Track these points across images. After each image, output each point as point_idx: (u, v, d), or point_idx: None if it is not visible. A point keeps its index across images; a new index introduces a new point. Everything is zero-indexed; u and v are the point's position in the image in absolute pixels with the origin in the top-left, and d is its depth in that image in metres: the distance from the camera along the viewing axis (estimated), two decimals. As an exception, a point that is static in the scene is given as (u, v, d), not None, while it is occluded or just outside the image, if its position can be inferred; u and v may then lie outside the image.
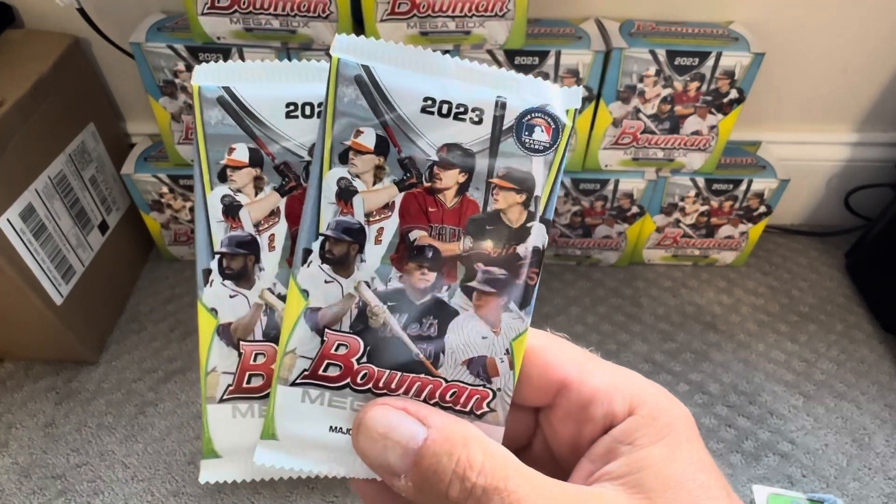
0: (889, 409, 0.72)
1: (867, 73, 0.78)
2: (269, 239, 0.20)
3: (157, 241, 0.86)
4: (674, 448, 0.19)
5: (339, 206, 0.20)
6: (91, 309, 0.75)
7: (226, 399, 0.21)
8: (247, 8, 0.63)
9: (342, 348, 0.20)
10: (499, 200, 0.20)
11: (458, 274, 0.20)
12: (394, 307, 0.20)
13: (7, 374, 0.74)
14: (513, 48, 0.66)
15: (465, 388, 0.20)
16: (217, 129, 0.20)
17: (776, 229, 0.93)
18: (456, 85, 0.19)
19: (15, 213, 0.63)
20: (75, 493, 0.64)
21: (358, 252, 0.20)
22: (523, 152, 0.19)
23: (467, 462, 0.18)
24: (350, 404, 0.20)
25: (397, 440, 0.19)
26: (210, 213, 0.20)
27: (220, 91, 0.19)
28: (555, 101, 0.19)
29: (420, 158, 0.19)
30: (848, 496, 0.65)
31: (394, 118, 0.19)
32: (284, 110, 0.20)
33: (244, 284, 0.20)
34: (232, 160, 0.20)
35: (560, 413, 0.21)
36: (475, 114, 0.19)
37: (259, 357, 0.21)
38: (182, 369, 0.75)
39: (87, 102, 0.75)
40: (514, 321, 0.20)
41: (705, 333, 0.80)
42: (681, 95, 0.70)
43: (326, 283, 0.20)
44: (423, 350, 0.20)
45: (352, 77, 0.19)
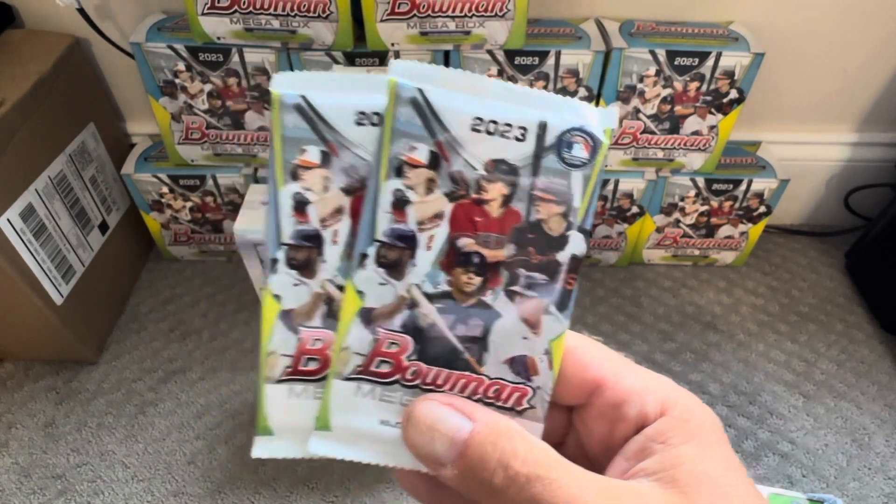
0: (889, 409, 0.72)
1: (867, 73, 0.78)
2: (332, 234, 0.22)
3: (157, 241, 0.86)
4: (705, 448, 0.20)
5: (394, 215, 0.21)
6: (91, 309, 0.75)
7: (283, 380, 0.22)
8: (247, 8, 0.63)
9: (393, 346, 0.22)
10: (540, 211, 0.21)
11: (501, 279, 0.22)
12: (442, 309, 0.22)
13: (7, 374, 0.74)
14: (513, 48, 0.66)
15: (506, 386, 0.22)
16: (292, 132, 0.21)
17: (776, 229, 0.93)
18: (502, 105, 0.21)
19: (15, 213, 0.63)
20: (75, 493, 0.64)
21: (410, 257, 0.22)
22: (563, 167, 0.21)
23: (511, 451, 0.19)
24: (399, 399, 0.22)
25: (444, 432, 0.20)
26: (280, 207, 0.22)
27: (298, 98, 0.21)
28: (593, 121, 0.21)
29: (468, 172, 0.21)
30: (848, 496, 0.65)
31: (445, 135, 0.21)
32: (354, 118, 0.21)
33: (307, 274, 0.22)
34: (304, 161, 0.22)
35: (594, 412, 0.22)
36: (519, 132, 0.21)
37: (316, 343, 0.22)
38: (182, 369, 0.75)
39: (87, 102, 0.75)
40: (554, 323, 0.22)
41: (705, 333, 0.80)
42: (681, 95, 0.70)
43: (380, 285, 0.22)
44: (468, 349, 0.22)
45: (407, 98, 0.21)
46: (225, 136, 0.75)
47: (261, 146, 0.76)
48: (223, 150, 0.76)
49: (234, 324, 0.80)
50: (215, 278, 0.86)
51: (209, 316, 0.81)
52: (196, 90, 0.70)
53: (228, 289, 0.84)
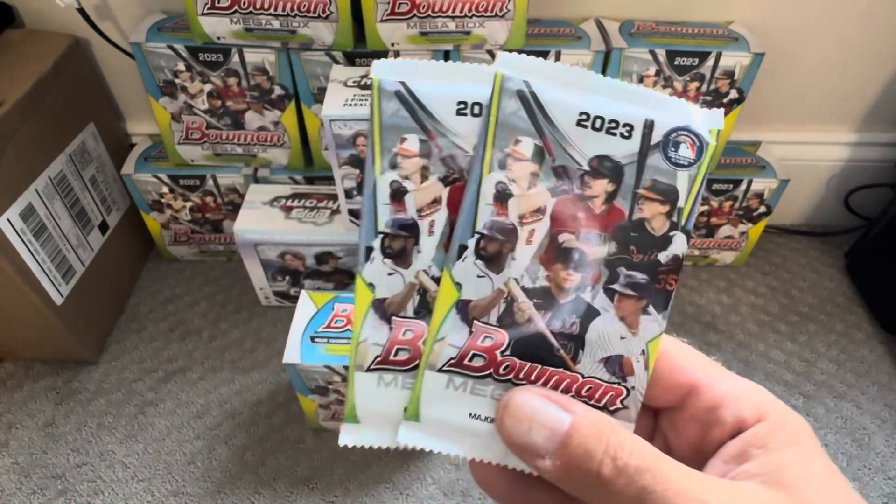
0: (889, 409, 0.72)
1: (867, 73, 0.78)
2: (429, 224, 0.22)
3: (157, 241, 0.86)
4: (807, 453, 0.20)
5: (496, 208, 0.21)
6: (91, 309, 0.75)
7: (373, 369, 0.22)
8: (247, 8, 0.63)
9: (488, 340, 0.22)
10: (644, 210, 0.21)
11: (601, 276, 0.21)
12: (539, 304, 0.21)
13: (7, 374, 0.74)
14: (513, 48, 0.66)
15: (600, 385, 0.22)
16: (392, 119, 0.21)
17: (776, 229, 0.93)
18: (609, 102, 0.21)
19: (15, 213, 0.63)
20: (75, 493, 0.64)
21: (510, 251, 0.21)
22: (669, 167, 0.21)
23: (618, 444, 0.19)
24: (491, 393, 0.22)
25: (543, 422, 0.20)
26: (378, 195, 0.22)
27: (398, 85, 0.21)
28: (699, 121, 0.21)
29: (572, 167, 0.21)
30: (848, 496, 0.65)
31: (550, 130, 0.21)
32: (455, 108, 0.21)
33: (402, 264, 0.22)
34: (403, 149, 0.21)
35: (687, 415, 0.22)
36: (625, 129, 0.21)
37: (408, 333, 0.22)
38: (182, 369, 0.75)
39: (87, 102, 0.75)
40: (652, 324, 0.22)
41: (705, 333, 0.80)
42: (681, 95, 0.70)
43: (479, 277, 0.21)
44: (563, 346, 0.22)
45: (514, 91, 0.20)
46: (225, 136, 0.75)
47: (261, 146, 0.76)
48: (223, 150, 0.76)
49: (234, 324, 0.80)
50: (215, 278, 0.86)
51: (209, 316, 0.81)
52: (196, 90, 0.70)
53: (228, 289, 0.84)
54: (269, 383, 0.73)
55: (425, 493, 0.64)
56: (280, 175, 0.78)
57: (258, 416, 0.70)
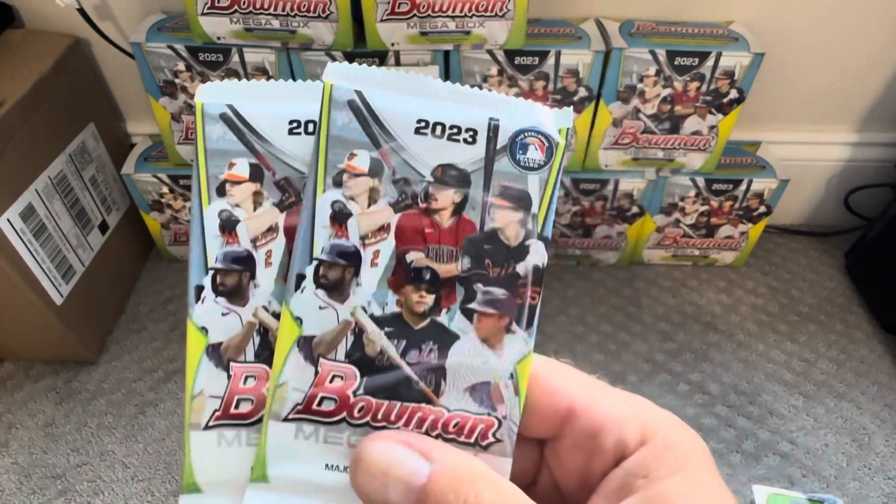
0: (889, 409, 0.72)
1: (867, 73, 0.78)
2: (266, 255, 0.20)
3: (157, 241, 0.86)
4: (693, 481, 0.18)
5: (334, 230, 0.19)
6: (91, 309, 0.75)
7: (211, 426, 0.20)
8: (247, 8, 0.63)
9: (337, 380, 0.19)
10: (496, 219, 0.20)
11: (457, 296, 0.20)
12: (391, 333, 0.19)
13: (7, 374, 0.74)
14: (513, 48, 0.66)
15: (468, 418, 0.20)
16: (218, 144, 0.20)
17: (776, 229, 0.93)
18: (448, 107, 0.19)
19: (15, 213, 0.63)
20: (75, 493, 0.64)
21: (353, 276, 0.19)
22: (518, 171, 0.19)
23: (475, 500, 0.17)
24: (347, 439, 0.19)
25: (399, 477, 0.18)
26: (206, 227, 0.20)
27: (223, 108, 0.20)
28: (546, 121, 0.20)
29: (415, 179, 0.19)
30: (848, 496, 0.65)
31: (387, 140, 0.19)
32: (287, 127, 0.20)
33: (238, 302, 0.20)
34: (232, 175, 0.20)
35: (567, 443, 0.20)
36: (468, 134, 0.19)
37: (249, 380, 0.20)
38: (182, 369, 0.75)
39: (87, 102, 0.75)
40: (518, 343, 0.20)
41: (705, 333, 0.80)
42: (681, 95, 0.70)
43: (321, 309, 0.19)
44: (423, 378, 0.19)
45: (344, 101, 0.19)
46: (225, 136, 0.75)
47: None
48: (223, 150, 0.76)
49: (234, 324, 0.80)
50: (215, 278, 0.86)
51: (209, 316, 0.81)
52: (196, 90, 0.70)
53: (228, 289, 0.84)
54: (269, 383, 0.73)
55: (425, 493, 0.64)
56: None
57: (258, 416, 0.70)
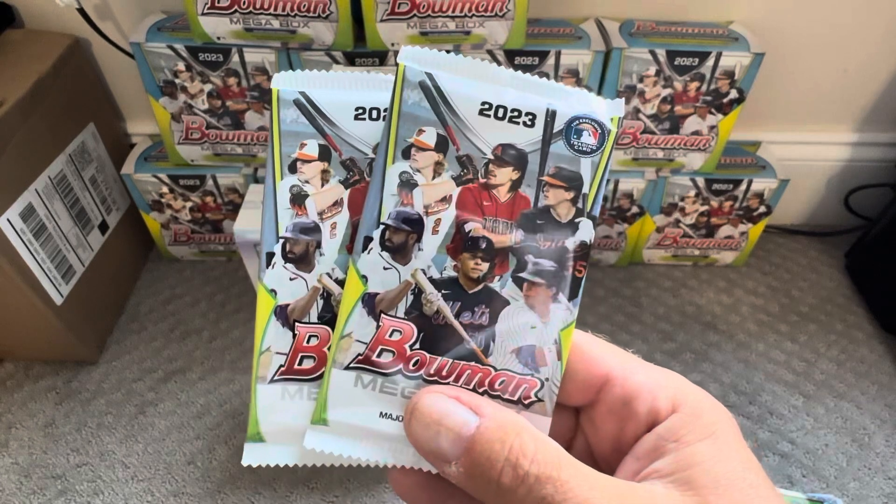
0: (889, 409, 0.72)
1: (867, 73, 0.78)
2: (331, 227, 0.22)
3: (157, 241, 0.86)
4: (721, 446, 0.19)
5: (401, 198, 0.21)
6: (91, 309, 0.75)
7: (276, 380, 0.22)
8: (247, 8, 0.63)
9: (396, 334, 0.21)
10: (549, 197, 0.21)
11: (509, 265, 0.21)
12: (447, 295, 0.21)
13: (7, 374, 0.74)
14: (513, 48, 0.66)
15: (513, 377, 0.21)
16: (291, 126, 0.22)
17: (776, 229, 0.93)
18: (510, 92, 0.21)
19: (15, 213, 0.63)
20: (75, 493, 0.64)
21: (416, 241, 0.21)
22: (572, 153, 0.21)
23: (520, 450, 0.18)
24: (401, 391, 0.21)
25: (450, 426, 0.19)
26: (278, 200, 0.22)
27: (296, 94, 0.21)
28: (600, 110, 0.21)
29: (476, 156, 0.21)
30: (848, 496, 0.65)
31: (453, 119, 0.21)
32: (353, 113, 0.22)
33: (304, 268, 0.22)
34: (303, 154, 0.22)
35: (603, 409, 0.21)
36: (528, 118, 0.21)
37: (312, 339, 0.22)
38: (182, 369, 0.75)
39: (87, 102, 0.75)
40: (563, 312, 0.21)
41: (705, 333, 0.80)
42: (681, 95, 0.70)
43: (385, 269, 0.21)
44: (473, 338, 0.21)
45: (416, 82, 0.21)
46: (225, 136, 0.75)
47: (261, 146, 0.76)
48: (223, 150, 0.76)
49: (234, 324, 0.80)
50: (215, 278, 0.86)
51: (209, 316, 0.81)
52: (196, 90, 0.70)
53: (228, 289, 0.84)
54: (269, 383, 0.73)
55: (425, 493, 0.64)
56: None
57: (258, 416, 0.70)
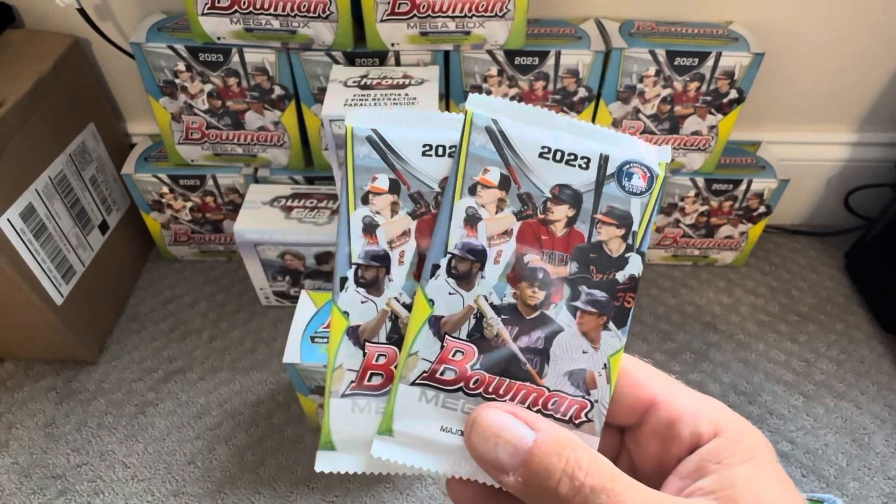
0: (889, 409, 0.72)
1: (867, 73, 0.78)
2: (399, 255, 0.24)
3: (157, 241, 0.86)
4: (761, 469, 0.20)
5: (466, 230, 0.23)
6: (91, 309, 0.75)
7: (347, 394, 0.24)
8: (247, 8, 0.63)
9: (459, 354, 0.23)
10: (601, 233, 0.23)
11: (564, 294, 0.23)
12: (506, 320, 0.23)
13: (7, 374, 0.74)
14: (513, 48, 0.66)
15: (565, 398, 0.23)
16: (364, 161, 0.23)
17: (776, 229, 0.93)
18: (567, 137, 0.23)
19: (15, 213, 0.63)
20: (75, 493, 0.64)
21: (479, 270, 0.23)
22: (623, 194, 0.23)
23: (576, 463, 0.19)
24: (461, 406, 0.23)
25: (508, 439, 0.21)
26: (352, 229, 0.24)
27: (369, 132, 0.23)
28: (648, 155, 0.23)
29: (536, 195, 0.23)
30: (848, 496, 0.65)
31: (515, 160, 0.23)
32: (421, 150, 0.23)
33: (374, 292, 0.24)
34: (374, 187, 0.23)
35: (647, 430, 0.23)
36: (583, 161, 0.23)
37: (381, 358, 0.23)
38: (182, 369, 0.75)
39: (87, 102, 0.75)
40: (612, 339, 0.23)
41: (705, 333, 0.80)
42: (681, 95, 0.70)
43: (450, 294, 0.23)
44: (529, 360, 0.23)
45: (482, 126, 0.23)
46: (225, 136, 0.75)
47: (261, 146, 0.76)
48: (223, 150, 0.76)
49: (234, 324, 0.80)
50: (215, 278, 0.86)
51: (209, 316, 0.81)
52: (196, 90, 0.70)
53: (228, 289, 0.84)
54: (269, 383, 0.73)
55: (425, 493, 0.64)
56: (280, 175, 0.78)
57: (258, 416, 0.70)
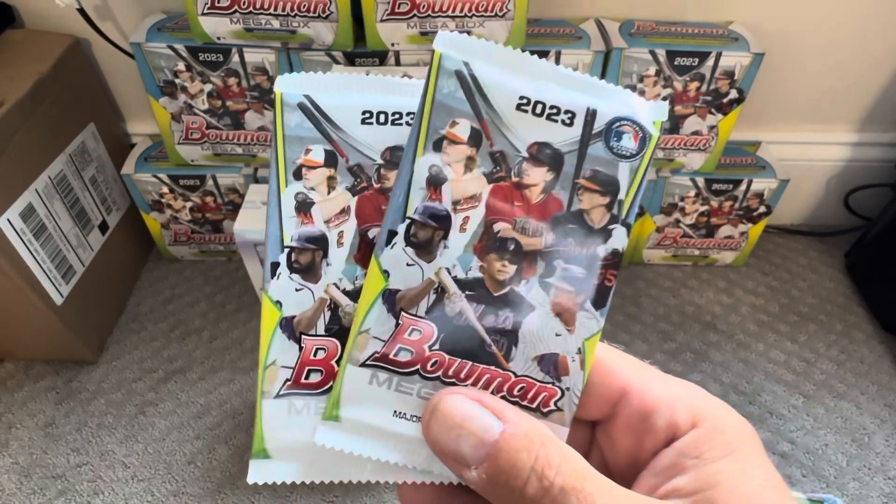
0: (889, 409, 0.72)
1: (867, 73, 0.78)
2: (338, 235, 0.21)
3: (157, 241, 0.86)
4: (744, 464, 0.18)
5: (429, 192, 0.20)
6: (91, 309, 0.75)
7: (282, 395, 0.21)
8: (247, 8, 0.63)
9: (416, 333, 0.20)
10: (583, 201, 0.20)
11: (537, 269, 0.20)
12: (471, 296, 0.20)
13: (7, 374, 0.74)
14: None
15: (534, 384, 0.20)
16: (295, 131, 0.21)
17: (776, 229, 0.93)
18: (551, 87, 0.20)
19: (15, 213, 0.63)
20: (75, 493, 0.64)
21: (442, 238, 0.20)
22: (611, 157, 0.20)
23: (546, 460, 0.18)
24: (417, 391, 0.20)
25: (472, 430, 0.18)
26: (283, 208, 0.21)
27: (300, 98, 0.21)
28: (643, 112, 0.20)
29: (510, 154, 0.20)
30: (848, 496, 0.65)
31: (489, 113, 0.20)
32: (360, 117, 0.21)
33: (310, 279, 0.21)
34: (308, 160, 0.21)
35: (620, 423, 0.21)
36: (567, 116, 0.20)
37: (319, 352, 0.21)
38: (182, 369, 0.75)
39: (87, 102, 0.75)
40: (589, 321, 0.20)
41: (705, 333, 0.80)
42: (681, 95, 0.70)
43: (408, 265, 0.20)
44: (495, 342, 0.20)
45: (452, 70, 0.19)
46: (225, 136, 0.75)
47: (261, 146, 0.76)
48: (223, 150, 0.76)
49: (234, 324, 0.80)
50: (215, 278, 0.86)
51: (209, 316, 0.81)
52: (196, 90, 0.70)
53: (228, 289, 0.84)
54: (269, 383, 0.73)
55: (425, 493, 0.64)
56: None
57: (258, 416, 0.70)
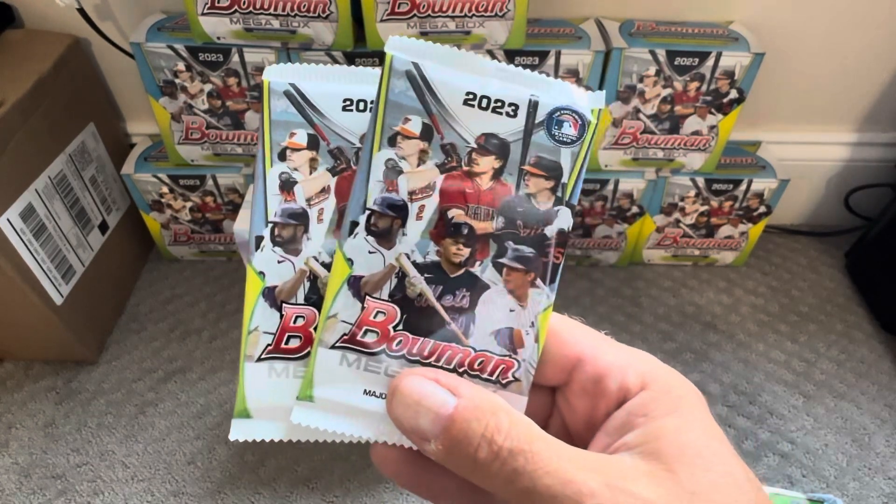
0: (889, 409, 0.72)
1: (867, 73, 0.78)
2: (318, 212, 0.23)
3: (157, 241, 0.86)
4: (686, 418, 0.20)
5: (386, 185, 0.22)
6: (91, 309, 0.75)
7: (264, 358, 0.23)
8: (247, 8, 0.63)
9: (380, 315, 0.22)
10: (529, 185, 0.22)
11: (490, 250, 0.22)
12: (430, 279, 0.22)
13: (7, 374, 0.74)
14: (513, 48, 0.66)
15: (492, 358, 0.22)
16: (281, 116, 0.23)
17: (776, 229, 0.93)
18: (494, 83, 0.21)
19: (15, 213, 0.63)
20: (75, 493, 0.64)
21: (400, 226, 0.22)
22: (553, 144, 0.22)
23: (496, 427, 0.19)
24: (385, 369, 0.22)
25: (429, 406, 0.20)
26: (268, 186, 0.23)
27: (286, 86, 0.22)
28: (581, 101, 0.22)
29: (460, 145, 0.22)
30: (848, 496, 0.65)
31: (438, 108, 0.22)
32: (341, 104, 0.23)
33: (292, 251, 0.23)
34: (292, 143, 0.23)
35: (576, 388, 0.22)
36: (510, 108, 0.22)
37: (299, 319, 0.23)
38: (182, 369, 0.75)
39: (87, 102, 0.75)
40: (540, 296, 0.22)
41: (705, 333, 0.80)
42: (681, 95, 0.70)
43: (370, 253, 0.22)
44: (455, 320, 0.22)
45: (403, 71, 0.21)
46: (225, 136, 0.75)
47: (261, 146, 0.76)
48: (223, 150, 0.76)
49: (234, 324, 0.80)
50: (215, 278, 0.86)
51: (209, 316, 0.81)
52: (196, 90, 0.70)
53: (228, 289, 0.84)
54: (269, 383, 0.73)
55: (425, 493, 0.64)
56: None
57: (258, 416, 0.70)
